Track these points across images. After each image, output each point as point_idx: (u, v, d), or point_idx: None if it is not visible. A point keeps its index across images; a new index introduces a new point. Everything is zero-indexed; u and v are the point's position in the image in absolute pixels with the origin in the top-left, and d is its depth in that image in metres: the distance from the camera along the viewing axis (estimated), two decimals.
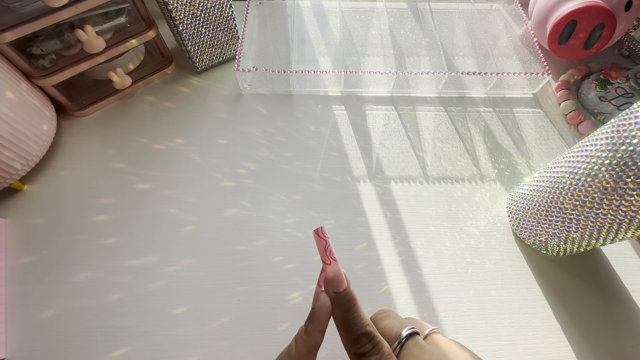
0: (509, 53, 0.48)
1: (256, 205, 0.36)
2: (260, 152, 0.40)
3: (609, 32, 0.41)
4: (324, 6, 0.52)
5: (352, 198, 0.37)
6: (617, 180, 0.24)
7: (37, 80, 0.36)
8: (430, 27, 0.49)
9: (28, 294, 0.31)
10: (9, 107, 0.32)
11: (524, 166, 0.40)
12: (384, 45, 0.48)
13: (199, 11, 0.39)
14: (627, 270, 0.34)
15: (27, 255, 0.33)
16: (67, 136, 0.40)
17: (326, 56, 0.47)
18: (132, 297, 0.32)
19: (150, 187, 0.37)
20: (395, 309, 0.32)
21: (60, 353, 0.29)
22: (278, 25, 0.50)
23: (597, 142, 0.26)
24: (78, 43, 0.36)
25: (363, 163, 0.39)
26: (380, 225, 0.36)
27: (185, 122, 0.41)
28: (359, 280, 0.33)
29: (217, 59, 0.45)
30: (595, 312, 0.32)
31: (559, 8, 0.41)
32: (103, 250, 0.34)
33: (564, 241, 0.30)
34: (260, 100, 0.44)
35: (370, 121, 0.42)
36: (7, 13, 0.31)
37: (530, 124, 0.43)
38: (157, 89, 0.44)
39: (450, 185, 0.38)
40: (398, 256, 0.34)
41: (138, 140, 0.40)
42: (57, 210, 0.36)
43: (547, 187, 0.30)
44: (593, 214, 0.26)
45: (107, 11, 0.37)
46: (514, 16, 0.51)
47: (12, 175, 0.34)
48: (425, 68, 0.46)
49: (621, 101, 0.40)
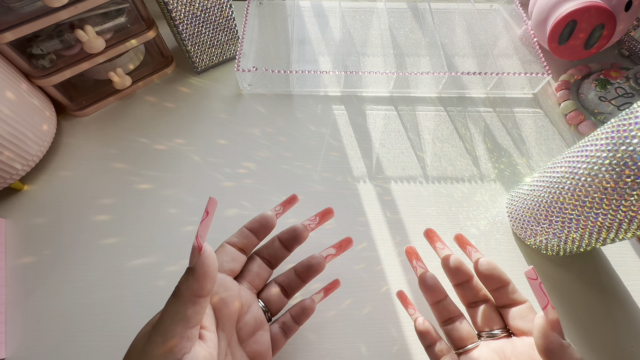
0: (509, 53, 0.48)
1: (256, 205, 0.36)
2: (261, 152, 0.40)
3: (609, 32, 0.41)
4: (324, 6, 0.52)
5: (352, 198, 0.37)
6: (617, 180, 0.24)
7: (37, 80, 0.36)
8: (430, 27, 0.49)
9: (28, 294, 0.31)
10: (9, 107, 0.32)
11: (524, 166, 0.40)
12: (384, 45, 0.48)
13: (199, 11, 0.39)
14: (627, 270, 0.34)
15: (27, 255, 0.33)
16: (67, 136, 0.40)
17: (326, 56, 0.47)
18: (133, 297, 0.32)
19: (151, 187, 0.37)
20: (395, 309, 0.32)
21: (60, 353, 0.29)
22: (278, 25, 0.50)
23: (597, 142, 0.26)
24: (78, 43, 0.36)
25: (363, 163, 0.39)
26: (380, 225, 0.36)
27: (185, 122, 0.41)
28: (359, 280, 0.33)
29: (217, 59, 0.45)
30: (595, 312, 0.32)
31: (559, 8, 0.41)
32: (103, 250, 0.34)
33: (564, 241, 0.30)
34: (260, 100, 0.44)
35: (370, 121, 0.42)
36: (7, 13, 0.31)
37: (530, 124, 0.43)
38: (157, 89, 0.44)
39: (450, 185, 0.38)
40: (398, 256, 0.34)
41: (138, 141, 0.40)
42: (57, 210, 0.36)
43: (547, 187, 0.30)
44: (593, 214, 0.26)
45: (107, 11, 0.37)
46: (514, 16, 0.51)
47: (12, 175, 0.34)
48: (425, 68, 0.46)
49: (621, 101, 0.40)
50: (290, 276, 0.27)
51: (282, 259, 0.28)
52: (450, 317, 0.26)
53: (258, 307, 0.25)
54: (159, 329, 0.19)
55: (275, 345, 0.26)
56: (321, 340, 0.30)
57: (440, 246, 0.29)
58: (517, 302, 0.25)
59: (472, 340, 0.25)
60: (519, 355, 0.23)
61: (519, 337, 0.24)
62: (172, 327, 0.19)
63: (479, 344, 0.25)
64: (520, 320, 0.24)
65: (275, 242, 0.28)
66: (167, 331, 0.19)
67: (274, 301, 0.26)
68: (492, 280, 0.26)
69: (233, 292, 0.24)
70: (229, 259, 0.25)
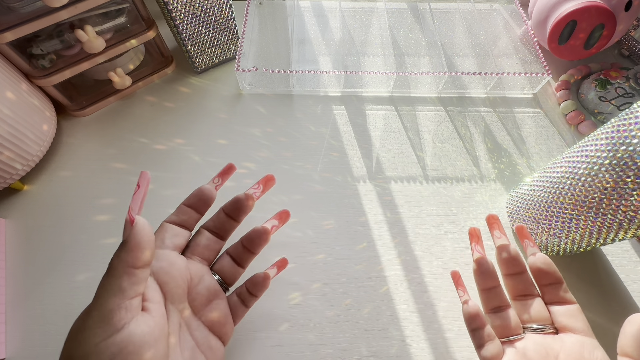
0: (509, 53, 0.48)
1: (256, 205, 0.36)
2: (261, 152, 0.40)
3: (609, 32, 0.41)
4: (324, 6, 0.52)
5: (352, 198, 0.37)
6: (617, 180, 0.24)
7: (37, 80, 0.36)
8: (430, 27, 0.49)
9: (28, 294, 0.31)
10: (9, 107, 0.32)
11: (524, 166, 0.40)
12: (384, 45, 0.48)
13: (199, 11, 0.39)
14: (627, 270, 0.34)
15: (27, 255, 0.33)
16: (67, 136, 0.40)
17: (326, 56, 0.47)
18: None
19: (151, 187, 0.37)
20: (395, 309, 0.32)
21: (60, 353, 0.29)
22: (278, 25, 0.50)
23: (597, 142, 0.26)
24: (78, 43, 0.36)
25: (363, 163, 0.39)
26: (380, 225, 0.36)
27: (185, 122, 0.41)
28: (359, 280, 0.33)
29: (217, 59, 0.45)
30: (595, 312, 0.32)
31: (559, 8, 0.41)
32: (103, 250, 0.34)
33: (564, 241, 0.30)
34: (260, 100, 0.44)
35: (370, 121, 0.42)
36: (7, 13, 0.31)
37: (530, 124, 0.43)
38: (157, 89, 0.44)
39: (450, 185, 0.38)
40: (398, 256, 0.34)
41: (138, 141, 0.40)
42: (57, 210, 0.36)
43: (547, 187, 0.30)
44: (593, 214, 0.26)
45: (107, 11, 0.37)
46: (514, 16, 0.51)
47: (12, 175, 0.34)
48: (425, 68, 0.46)
49: (621, 101, 0.40)
50: (238, 247, 0.28)
51: (230, 230, 0.28)
52: (499, 306, 0.26)
53: (211, 278, 0.26)
54: (95, 304, 0.19)
55: (235, 314, 0.26)
56: (321, 340, 0.30)
57: (498, 234, 0.28)
58: (567, 301, 0.25)
59: (517, 331, 0.25)
60: (569, 352, 0.23)
61: (566, 334, 0.24)
62: (108, 300, 0.19)
63: (524, 335, 0.24)
64: (569, 318, 0.24)
65: (221, 213, 0.28)
66: (102, 304, 0.19)
67: (228, 271, 0.27)
68: (546, 275, 0.26)
69: (178, 265, 0.24)
70: (170, 235, 0.25)
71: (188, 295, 0.24)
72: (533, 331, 0.25)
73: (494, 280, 0.26)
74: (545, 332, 0.24)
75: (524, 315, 0.25)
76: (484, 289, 0.27)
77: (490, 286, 0.26)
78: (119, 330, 0.18)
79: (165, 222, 0.26)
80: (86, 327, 0.18)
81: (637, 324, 0.21)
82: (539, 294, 0.26)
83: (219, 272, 0.27)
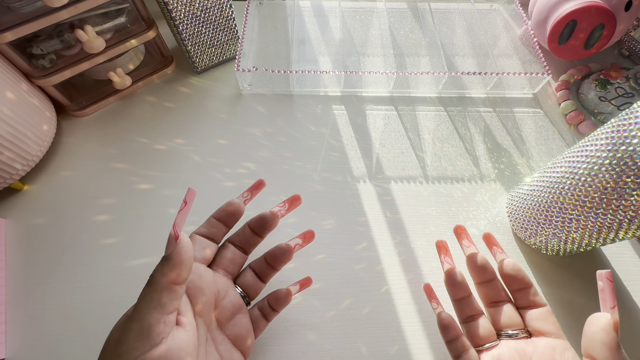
0: (509, 53, 0.48)
1: (256, 206, 0.36)
2: (261, 152, 0.40)
3: (609, 32, 0.41)
4: (324, 6, 0.52)
5: (352, 198, 0.37)
6: (617, 180, 0.24)
7: (37, 80, 0.36)
8: (430, 27, 0.49)
9: (28, 294, 0.31)
10: (9, 107, 0.32)
11: (524, 166, 0.40)
12: (384, 45, 0.48)
13: (199, 11, 0.39)
14: (627, 270, 0.34)
15: (27, 255, 0.33)
16: (67, 136, 0.40)
17: (326, 56, 0.47)
18: (133, 297, 0.32)
19: (151, 187, 0.37)
20: (395, 309, 0.32)
21: (60, 353, 0.29)
22: (278, 25, 0.50)
23: (597, 142, 0.26)
24: (78, 43, 0.36)
25: (363, 163, 0.39)
26: (380, 225, 0.36)
27: (185, 122, 0.41)
28: (359, 280, 0.33)
29: (217, 59, 0.45)
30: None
31: (559, 8, 0.41)
32: (103, 250, 0.34)
33: (564, 241, 0.30)
34: (260, 100, 0.44)
35: (370, 121, 0.42)
36: (7, 13, 0.31)
37: (530, 124, 0.43)
38: (157, 89, 0.44)
39: (450, 185, 0.38)
40: (398, 256, 0.34)
41: (138, 141, 0.40)
42: (57, 210, 0.36)
43: (547, 187, 0.30)
44: (593, 214, 0.26)
45: (107, 11, 0.37)
46: (514, 16, 0.51)
47: (12, 175, 0.34)
48: (425, 68, 0.46)
49: (621, 101, 0.40)
50: (261, 263, 0.28)
51: (254, 245, 0.28)
52: (471, 315, 0.26)
53: (235, 292, 0.26)
54: (135, 317, 0.19)
55: (256, 327, 0.27)
56: (321, 340, 0.30)
57: (467, 243, 0.29)
58: (537, 304, 0.25)
59: (492, 339, 0.25)
60: (541, 355, 0.23)
61: (538, 338, 0.24)
62: (148, 314, 0.19)
63: (499, 342, 0.25)
64: (541, 322, 0.25)
65: (246, 229, 0.28)
66: (143, 318, 0.19)
67: (251, 286, 0.27)
68: (515, 281, 0.26)
69: (207, 279, 0.24)
70: (199, 248, 0.25)
71: (214, 309, 0.25)
72: (508, 337, 0.25)
73: (465, 290, 0.27)
74: (519, 337, 0.25)
75: (497, 322, 0.26)
76: (456, 299, 0.27)
77: (461, 296, 0.27)
78: (157, 344, 0.18)
79: (195, 233, 0.26)
80: (125, 340, 0.19)
81: (595, 325, 0.22)
82: (510, 299, 0.27)
83: (242, 286, 0.27)
